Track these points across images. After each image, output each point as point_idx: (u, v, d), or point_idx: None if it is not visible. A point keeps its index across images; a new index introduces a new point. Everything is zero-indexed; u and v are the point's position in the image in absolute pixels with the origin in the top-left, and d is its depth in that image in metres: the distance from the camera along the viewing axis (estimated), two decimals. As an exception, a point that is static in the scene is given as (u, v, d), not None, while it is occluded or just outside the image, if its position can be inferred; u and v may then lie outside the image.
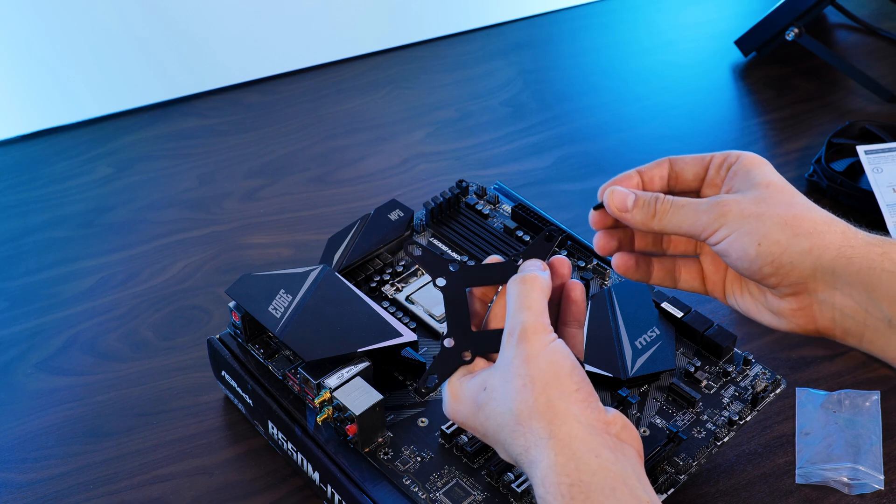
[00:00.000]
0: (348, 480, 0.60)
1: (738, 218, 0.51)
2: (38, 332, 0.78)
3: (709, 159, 0.56)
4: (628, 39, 1.18)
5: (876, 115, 1.03)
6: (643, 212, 0.54)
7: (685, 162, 0.56)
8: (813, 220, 0.51)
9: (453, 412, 0.54)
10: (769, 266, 0.51)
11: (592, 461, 0.47)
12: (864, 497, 0.66)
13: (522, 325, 0.51)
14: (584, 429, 0.48)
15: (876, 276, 0.49)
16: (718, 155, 0.56)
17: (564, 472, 0.47)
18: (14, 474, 0.68)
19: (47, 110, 1.00)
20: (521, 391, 0.49)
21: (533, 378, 0.49)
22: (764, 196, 0.52)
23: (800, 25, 1.05)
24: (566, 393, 0.49)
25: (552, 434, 0.48)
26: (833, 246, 0.50)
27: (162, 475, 0.68)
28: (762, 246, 0.51)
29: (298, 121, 1.03)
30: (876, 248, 0.50)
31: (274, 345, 0.67)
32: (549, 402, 0.48)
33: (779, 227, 0.51)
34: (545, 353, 0.50)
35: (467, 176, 0.91)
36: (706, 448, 0.62)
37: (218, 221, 0.90)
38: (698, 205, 0.53)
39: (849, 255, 0.50)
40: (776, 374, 0.66)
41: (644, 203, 0.54)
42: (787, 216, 0.51)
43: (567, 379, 0.49)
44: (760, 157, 0.54)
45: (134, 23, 1.02)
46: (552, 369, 0.49)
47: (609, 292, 0.69)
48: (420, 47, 1.14)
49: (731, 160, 0.55)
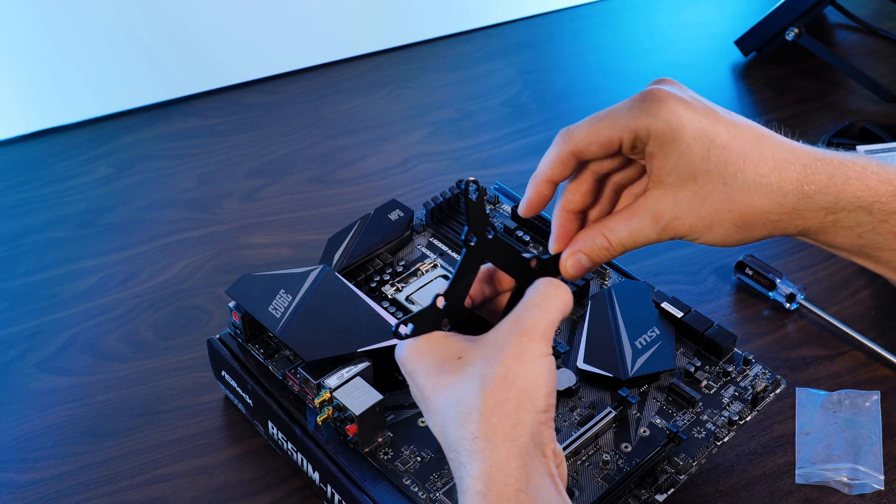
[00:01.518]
0: (348, 480, 0.60)
1: (691, 233, 0.50)
2: (38, 332, 0.78)
3: (617, 143, 0.51)
4: (628, 39, 1.18)
5: (876, 115, 1.03)
6: (601, 258, 0.53)
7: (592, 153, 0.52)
8: (761, 211, 0.49)
9: (408, 358, 0.51)
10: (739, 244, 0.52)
11: (539, 479, 0.46)
12: (864, 497, 0.66)
13: (533, 321, 0.49)
14: (535, 450, 0.47)
15: (830, 237, 0.51)
16: (626, 138, 0.50)
17: (515, 476, 0.45)
18: (14, 474, 0.68)
19: (47, 110, 1.00)
20: (499, 383, 0.47)
21: (517, 377, 0.47)
22: (700, 199, 0.49)
23: (800, 25, 1.06)
24: (536, 408, 0.47)
25: (510, 437, 0.46)
26: (790, 226, 0.51)
27: (162, 475, 0.68)
28: (727, 242, 0.51)
29: (298, 121, 1.03)
30: (828, 219, 0.50)
31: (274, 345, 0.67)
32: (518, 408, 0.47)
33: (733, 232, 0.50)
34: (538, 362, 0.48)
35: (467, 176, 0.90)
36: (706, 448, 0.62)
37: (218, 221, 0.90)
38: (646, 234, 0.51)
39: (804, 229, 0.51)
40: (776, 374, 0.66)
41: (599, 256, 0.52)
42: (736, 219, 0.49)
43: (543, 396, 0.48)
44: (669, 120, 0.49)
45: (134, 23, 1.02)
46: (536, 379, 0.48)
47: (609, 292, 0.69)
48: (420, 47, 1.14)
49: (644, 141, 0.50)
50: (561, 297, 0.51)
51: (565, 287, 0.51)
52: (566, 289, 0.51)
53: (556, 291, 0.51)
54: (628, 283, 0.70)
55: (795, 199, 0.50)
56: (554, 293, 0.50)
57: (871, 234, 0.50)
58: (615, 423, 0.63)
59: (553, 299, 0.50)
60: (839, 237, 0.51)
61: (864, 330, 0.76)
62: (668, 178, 0.50)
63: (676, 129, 0.49)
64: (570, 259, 0.53)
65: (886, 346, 0.75)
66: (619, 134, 0.51)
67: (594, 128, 0.51)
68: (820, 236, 0.51)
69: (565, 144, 0.52)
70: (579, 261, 0.53)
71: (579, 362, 0.65)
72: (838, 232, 0.51)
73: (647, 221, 0.51)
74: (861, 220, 0.50)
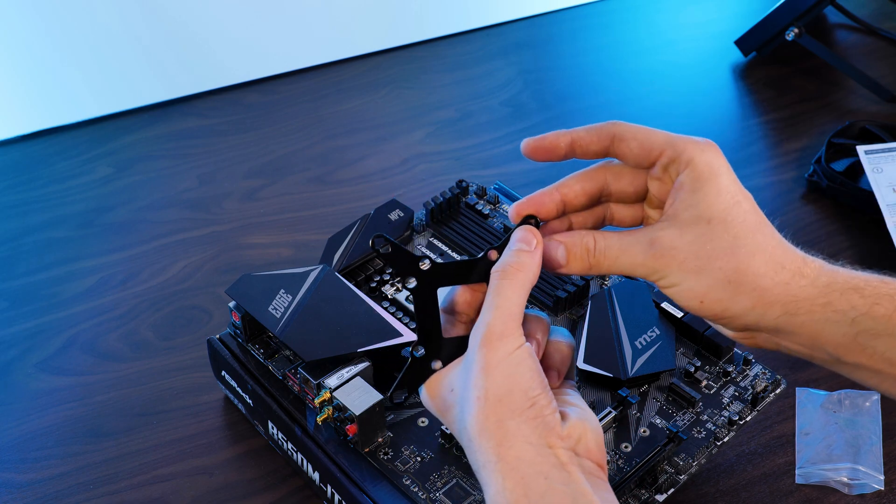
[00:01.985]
0: (348, 480, 0.60)
1: (677, 272, 0.49)
2: (38, 332, 0.78)
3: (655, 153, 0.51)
4: (628, 39, 1.18)
5: (876, 115, 1.03)
6: (578, 264, 0.51)
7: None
8: (756, 274, 0.49)
9: (429, 406, 0.52)
10: (712, 317, 0.51)
11: (541, 484, 0.45)
12: (864, 497, 0.66)
13: (487, 328, 0.48)
14: (533, 450, 0.46)
15: (819, 326, 0.49)
16: (664, 157, 0.50)
17: (513, 499, 0.45)
18: (14, 474, 0.68)
19: (47, 110, 1.00)
20: (475, 405, 0.47)
21: (487, 392, 0.47)
22: (704, 240, 0.49)
23: (800, 25, 1.06)
24: (518, 410, 0.47)
25: (500, 457, 0.46)
26: (777, 303, 0.49)
27: (162, 475, 0.68)
28: (704, 303, 0.50)
29: (298, 121, 1.03)
30: (819, 300, 0.49)
31: (274, 345, 0.67)
32: (499, 421, 0.46)
33: (720, 286, 0.49)
34: (504, 365, 0.47)
35: (467, 176, 0.91)
36: (706, 448, 0.62)
37: (218, 221, 0.90)
38: (633, 257, 0.50)
39: (793, 311, 0.49)
40: (776, 374, 0.66)
41: (577, 257, 0.51)
42: (730, 272, 0.49)
43: (521, 394, 0.47)
44: (712, 163, 0.49)
45: (134, 23, 1.02)
46: (508, 383, 0.47)
47: (609, 292, 0.69)
48: (420, 47, 1.14)
49: (681, 166, 0.50)
50: (513, 280, 0.49)
51: (515, 262, 0.50)
52: (517, 263, 0.49)
53: (503, 282, 0.49)
54: (628, 282, 0.70)
55: (790, 276, 0.49)
56: (502, 285, 0.49)
57: (864, 319, 0.49)
58: (615, 423, 0.63)
59: (502, 290, 0.49)
60: (830, 327, 0.49)
61: (864, 330, 0.76)
62: (684, 213, 0.49)
63: (717, 172, 0.49)
64: (549, 243, 0.51)
65: (886, 346, 0.75)
66: (663, 146, 0.50)
67: (643, 128, 0.51)
68: (810, 329, 0.50)
69: (609, 123, 0.52)
70: (555, 248, 0.51)
71: (579, 362, 0.65)
72: (828, 319, 0.49)
73: (642, 243, 0.50)
74: (854, 301, 0.49)
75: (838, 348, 0.50)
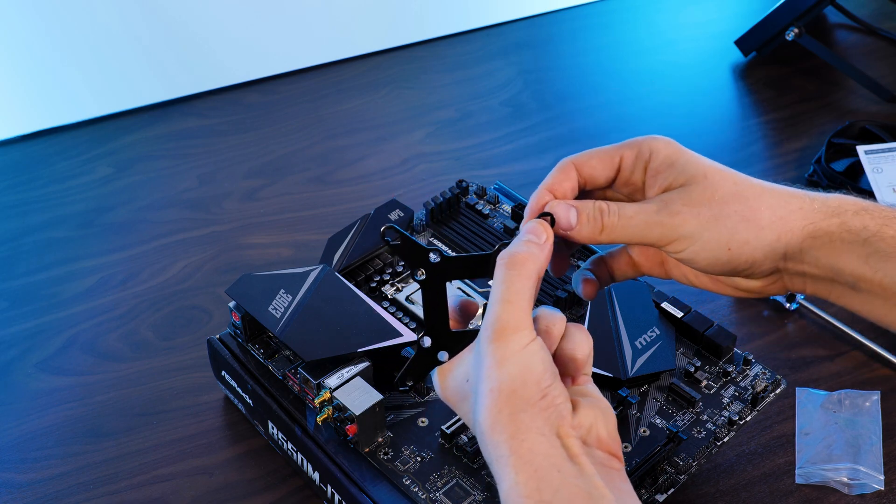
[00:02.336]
0: (348, 480, 0.60)
1: (696, 226, 0.50)
2: (38, 332, 0.78)
3: (617, 160, 0.53)
4: (628, 39, 1.18)
5: (876, 115, 1.03)
6: (589, 227, 0.51)
7: (592, 167, 0.53)
8: (772, 207, 0.51)
9: (442, 396, 0.52)
10: (743, 265, 0.51)
11: (555, 477, 0.45)
12: (864, 497, 0.66)
13: (499, 322, 0.47)
14: (546, 442, 0.46)
15: (837, 247, 0.50)
16: (626, 154, 0.53)
17: (526, 493, 0.45)
18: (14, 474, 0.68)
19: (47, 110, 1.00)
20: (488, 398, 0.47)
21: (500, 385, 0.46)
22: (710, 191, 0.50)
23: (800, 25, 1.06)
24: (530, 402, 0.46)
25: (513, 450, 0.45)
26: (797, 228, 0.51)
27: (162, 475, 0.68)
28: (733, 250, 0.50)
29: (298, 121, 1.03)
30: (834, 220, 0.51)
31: (274, 345, 0.67)
32: (511, 414, 0.46)
33: (742, 226, 0.50)
34: (518, 358, 0.47)
35: (467, 176, 0.90)
36: (706, 448, 0.62)
37: (218, 221, 0.90)
38: (648, 215, 0.51)
39: (811, 232, 0.51)
40: (776, 374, 0.66)
41: (589, 218, 0.51)
42: (745, 210, 0.50)
43: (534, 386, 0.46)
44: (671, 142, 0.52)
45: (134, 23, 1.02)
46: (521, 376, 0.46)
47: (609, 292, 0.69)
48: (420, 47, 1.14)
49: (644, 157, 0.52)
50: (521, 271, 0.48)
51: (523, 253, 0.49)
52: (525, 254, 0.49)
53: (511, 272, 0.48)
54: (628, 282, 0.70)
55: (801, 202, 0.51)
56: (511, 275, 0.48)
57: (875, 240, 0.50)
58: (615, 423, 0.63)
59: (512, 283, 0.48)
60: (846, 248, 0.50)
61: (864, 330, 0.76)
62: (678, 180, 0.51)
63: (681, 148, 0.52)
64: (557, 204, 0.52)
65: (886, 346, 0.75)
66: (619, 151, 0.53)
67: (597, 148, 0.54)
68: (828, 253, 0.51)
69: (565, 159, 0.54)
70: (565, 210, 0.51)
71: (579, 362, 0.65)
72: (844, 240, 0.50)
73: (654, 203, 0.51)
74: (865, 221, 0.50)
75: (854, 274, 0.51)
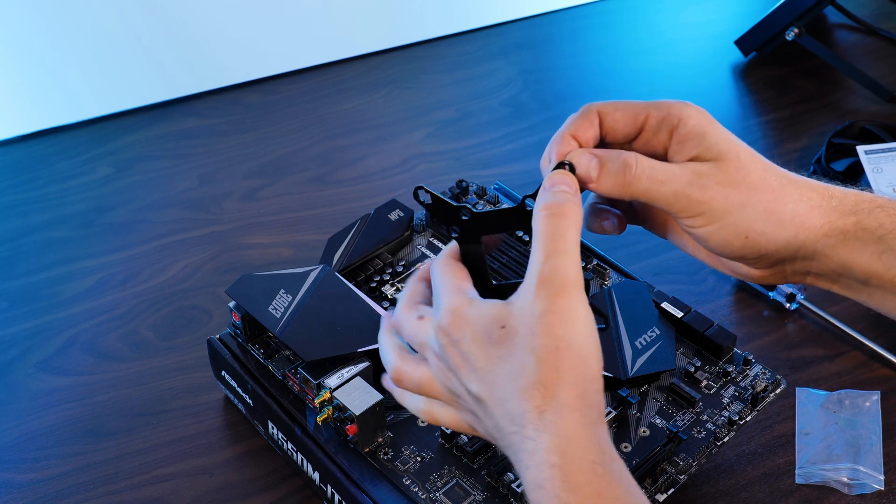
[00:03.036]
0: (348, 480, 0.60)
1: (722, 208, 0.49)
2: (38, 332, 0.78)
3: (643, 118, 0.51)
4: (628, 39, 1.18)
5: (876, 115, 1.03)
6: (610, 182, 0.49)
7: (615, 120, 0.51)
8: (795, 201, 0.50)
9: (455, 325, 0.47)
10: (752, 254, 0.51)
11: (609, 450, 0.45)
12: (864, 497, 0.66)
13: (561, 274, 0.45)
14: (599, 419, 0.45)
15: (850, 246, 0.50)
16: (654, 114, 0.51)
17: (589, 448, 0.43)
18: (14, 474, 0.68)
19: (47, 110, 1.00)
20: (554, 354, 0.44)
21: (570, 346, 0.44)
22: (742, 173, 0.49)
23: (800, 25, 1.05)
24: (595, 377, 0.45)
25: (577, 408, 0.44)
26: (815, 227, 0.50)
27: (162, 475, 0.68)
28: (749, 238, 0.50)
29: (298, 121, 1.03)
30: (850, 219, 0.50)
31: (274, 345, 0.67)
32: (578, 378, 0.44)
33: (764, 217, 0.49)
34: (584, 320, 0.45)
35: (467, 176, 0.90)
36: (706, 448, 0.62)
37: (218, 221, 0.90)
38: (680, 185, 0.49)
39: (828, 231, 0.50)
40: (776, 374, 0.66)
41: (613, 172, 0.48)
42: (771, 202, 0.49)
43: (597, 363, 0.45)
44: (703, 112, 0.50)
45: (134, 23, 1.02)
46: (589, 343, 0.45)
47: (609, 292, 0.69)
48: (420, 47, 1.14)
49: (671, 122, 0.50)
50: (570, 223, 0.46)
51: (568, 204, 0.47)
52: (570, 206, 0.47)
53: (562, 222, 0.46)
54: (628, 283, 0.70)
55: (821, 198, 0.51)
56: (562, 226, 0.46)
57: (890, 238, 0.50)
58: (615, 423, 0.63)
59: (565, 233, 0.46)
60: (859, 247, 0.50)
61: (864, 330, 0.76)
62: (709, 153, 0.49)
63: (712, 120, 0.50)
64: (580, 154, 0.49)
65: (886, 346, 0.75)
66: (646, 109, 0.51)
67: (619, 101, 0.51)
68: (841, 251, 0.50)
69: (590, 104, 0.51)
70: (588, 160, 0.49)
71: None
72: (858, 238, 0.50)
73: (686, 174, 0.49)
74: (881, 219, 0.50)
75: (866, 271, 0.50)
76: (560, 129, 0.51)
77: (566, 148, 0.50)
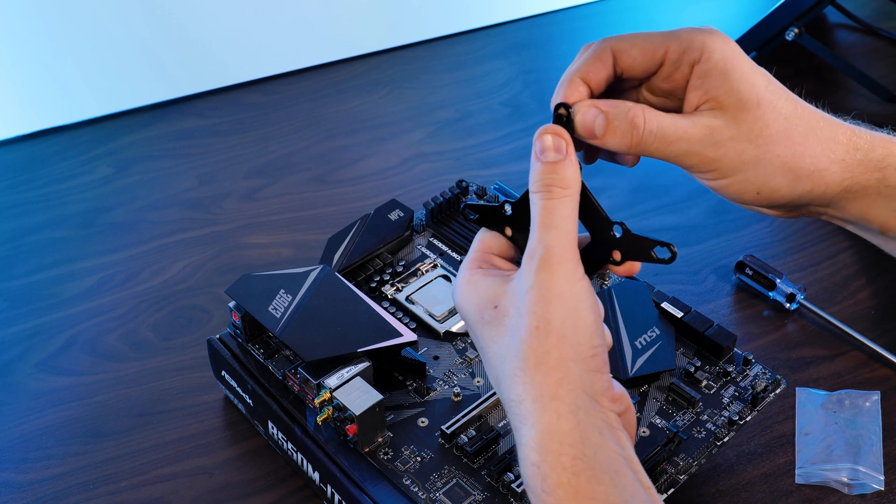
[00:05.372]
0: (348, 480, 0.60)
1: (735, 164, 0.46)
2: (38, 332, 0.78)
3: (662, 53, 0.46)
4: (628, 39, 1.17)
5: (876, 115, 1.03)
6: (617, 140, 0.46)
7: (632, 57, 0.47)
8: (812, 156, 0.46)
9: (459, 299, 0.47)
10: (765, 205, 0.48)
11: (596, 437, 0.42)
12: (864, 497, 0.66)
13: (546, 249, 0.43)
14: (590, 402, 0.43)
15: (870, 200, 0.48)
16: (673, 48, 0.46)
17: (568, 442, 0.42)
18: (14, 474, 0.68)
19: (47, 110, 1.00)
20: (534, 335, 0.43)
21: (550, 324, 0.43)
22: (759, 126, 0.45)
23: (800, 25, 1.05)
24: (581, 357, 0.43)
25: (556, 396, 0.42)
26: (834, 183, 0.47)
27: (162, 475, 0.68)
28: (762, 194, 0.47)
29: (298, 121, 1.03)
30: (874, 175, 0.47)
31: (274, 345, 0.67)
32: (561, 359, 0.43)
33: (779, 174, 0.46)
34: (569, 297, 0.43)
35: (467, 176, 0.91)
36: (706, 448, 0.62)
37: (218, 221, 0.90)
38: (689, 144, 0.45)
39: (848, 187, 0.47)
40: (776, 374, 0.66)
41: (620, 131, 0.45)
42: (787, 157, 0.46)
43: (587, 340, 0.43)
44: (728, 41, 0.46)
45: (134, 23, 1.02)
46: (573, 320, 0.43)
47: (609, 292, 0.69)
48: (420, 47, 1.14)
49: (693, 55, 0.46)
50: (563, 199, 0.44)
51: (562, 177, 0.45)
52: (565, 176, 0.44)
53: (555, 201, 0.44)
54: (628, 282, 0.70)
55: (845, 151, 0.47)
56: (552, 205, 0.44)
57: None
58: (615, 423, 0.63)
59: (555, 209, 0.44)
60: (881, 201, 0.48)
61: (864, 330, 0.76)
62: (728, 99, 0.45)
63: (738, 52, 0.46)
64: (586, 109, 0.46)
65: (886, 346, 0.75)
66: (666, 42, 0.46)
67: (637, 34, 0.47)
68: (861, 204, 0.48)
69: (604, 40, 0.47)
70: (593, 117, 0.46)
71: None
72: (881, 193, 0.47)
73: (698, 129, 0.45)
74: None
75: (884, 224, 0.48)
76: (570, 67, 0.47)
77: (574, 94, 0.47)
